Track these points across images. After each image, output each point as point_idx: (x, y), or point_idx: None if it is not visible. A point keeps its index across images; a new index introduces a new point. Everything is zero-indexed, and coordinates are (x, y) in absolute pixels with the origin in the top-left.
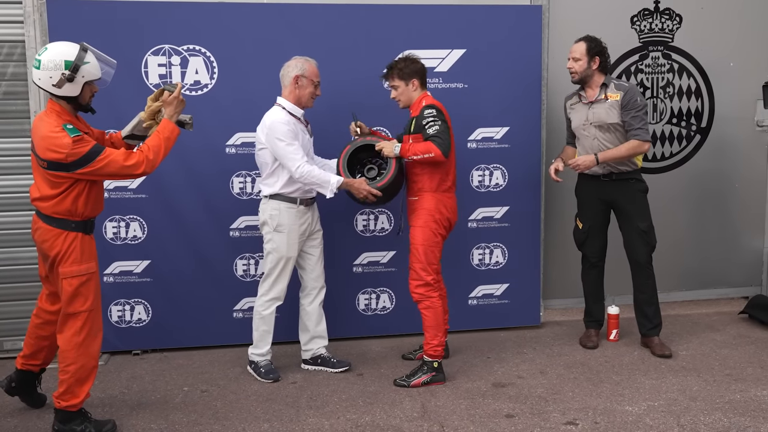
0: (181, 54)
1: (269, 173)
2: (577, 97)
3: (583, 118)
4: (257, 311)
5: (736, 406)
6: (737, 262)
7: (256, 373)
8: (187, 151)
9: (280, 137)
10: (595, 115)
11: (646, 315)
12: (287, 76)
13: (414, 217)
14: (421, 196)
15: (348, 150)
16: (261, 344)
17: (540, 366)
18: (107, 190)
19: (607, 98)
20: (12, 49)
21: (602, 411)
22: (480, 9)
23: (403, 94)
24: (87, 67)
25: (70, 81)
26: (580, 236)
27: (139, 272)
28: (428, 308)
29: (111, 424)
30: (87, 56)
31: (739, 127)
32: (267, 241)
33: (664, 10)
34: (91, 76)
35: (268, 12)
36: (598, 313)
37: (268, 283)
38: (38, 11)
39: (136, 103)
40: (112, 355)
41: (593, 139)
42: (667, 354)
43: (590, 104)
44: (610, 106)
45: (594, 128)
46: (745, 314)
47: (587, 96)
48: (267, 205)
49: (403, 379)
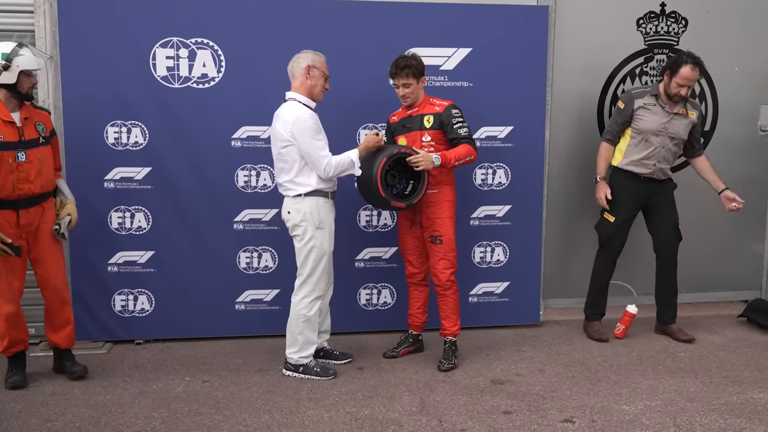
0: (189, 47)
1: (299, 170)
2: (654, 99)
3: (660, 124)
4: (300, 313)
5: (732, 407)
6: (737, 265)
7: (309, 375)
8: (193, 144)
9: (308, 132)
10: (673, 127)
11: (669, 304)
12: (298, 67)
13: (437, 209)
14: (441, 189)
15: (385, 162)
16: (308, 347)
17: (539, 364)
18: (113, 181)
19: (688, 115)
20: (21, 38)
21: (599, 410)
22: (486, 8)
23: (413, 92)
24: (21, 59)
25: (5, 69)
26: (609, 230)
27: (143, 262)
28: (455, 292)
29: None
30: (22, 50)
31: (742, 132)
32: (307, 240)
33: (670, 13)
34: (26, 66)
35: (276, 6)
36: (602, 305)
37: (310, 283)
38: (48, 2)
39: (144, 94)
40: (115, 344)
41: (662, 147)
42: (691, 339)
43: (672, 115)
44: (689, 123)
45: (667, 138)
46: (744, 317)
47: (669, 105)
48: (303, 203)
49: (446, 365)
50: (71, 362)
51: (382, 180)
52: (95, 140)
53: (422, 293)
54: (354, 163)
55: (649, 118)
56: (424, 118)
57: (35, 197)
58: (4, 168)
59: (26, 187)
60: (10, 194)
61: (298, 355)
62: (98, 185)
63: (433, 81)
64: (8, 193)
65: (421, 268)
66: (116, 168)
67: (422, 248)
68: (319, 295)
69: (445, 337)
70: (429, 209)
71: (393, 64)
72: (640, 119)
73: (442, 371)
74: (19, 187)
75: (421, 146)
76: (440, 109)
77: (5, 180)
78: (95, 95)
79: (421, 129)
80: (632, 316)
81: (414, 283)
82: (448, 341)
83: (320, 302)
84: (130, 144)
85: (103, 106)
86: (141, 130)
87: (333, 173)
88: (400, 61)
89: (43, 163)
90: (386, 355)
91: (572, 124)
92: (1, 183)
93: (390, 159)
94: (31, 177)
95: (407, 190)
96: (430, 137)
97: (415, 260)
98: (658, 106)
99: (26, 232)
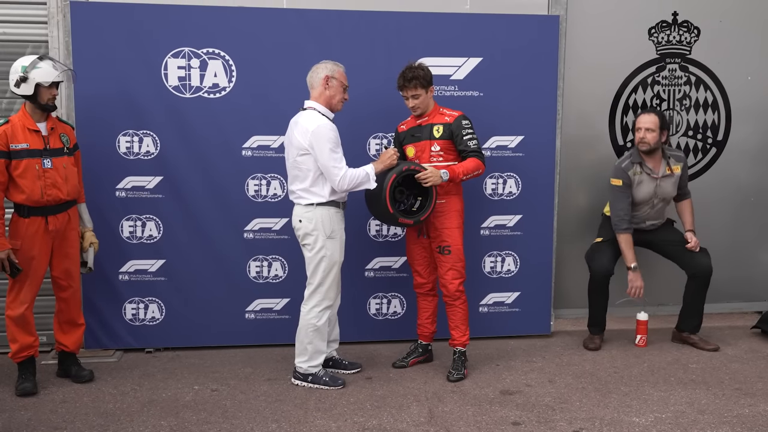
0: (201, 57)
1: (314, 180)
2: (639, 167)
3: (651, 192)
4: (310, 323)
5: (744, 420)
6: (751, 276)
7: (318, 384)
8: (204, 153)
9: (327, 144)
10: (662, 190)
11: (694, 315)
12: (316, 78)
13: (445, 219)
14: (449, 199)
15: (394, 179)
16: (317, 356)
17: (548, 375)
18: (124, 190)
19: (672, 172)
20: (35, 49)
21: (609, 421)
22: (497, 18)
23: (423, 102)
24: (37, 71)
25: (24, 81)
26: (594, 248)
27: (154, 271)
28: (464, 302)
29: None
30: (41, 63)
31: (755, 140)
32: (318, 249)
33: (682, 22)
34: (41, 79)
35: (287, 16)
36: (601, 322)
37: (320, 293)
38: (62, 12)
39: (155, 104)
40: (125, 353)
41: (652, 208)
42: (716, 348)
43: (658, 180)
44: (675, 180)
45: (660, 201)
46: (757, 329)
47: (654, 169)
48: (314, 212)
49: (456, 375)
50: (78, 366)
51: (390, 196)
52: (107, 149)
53: (431, 303)
54: (369, 177)
55: (641, 190)
56: (433, 128)
57: (62, 204)
58: (32, 174)
59: (54, 193)
60: (39, 200)
61: (307, 364)
62: (110, 194)
63: (443, 90)
64: (37, 199)
65: (429, 278)
66: (128, 177)
67: (430, 258)
68: (328, 305)
69: (455, 347)
70: (437, 219)
71: (400, 76)
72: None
73: (451, 381)
74: (47, 192)
75: (430, 155)
76: (450, 119)
77: (33, 185)
78: (107, 105)
79: (430, 138)
80: (645, 323)
81: (423, 293)
82: (458, 351)
83: (330, 312)
84: (141, 153)
85: (115, 116)
86: (153, 140)
87: (347, 187)
88: (407, 72)
89: (68, 171)
90: (395, 365)
91: (583, 133)
92: (30, 189)
93: (399, 176)
94: (58, 183)
95: (415, 207)
96: (440, 147)
97: (423, 270)
98: (644, 173)
99: (54, 237)
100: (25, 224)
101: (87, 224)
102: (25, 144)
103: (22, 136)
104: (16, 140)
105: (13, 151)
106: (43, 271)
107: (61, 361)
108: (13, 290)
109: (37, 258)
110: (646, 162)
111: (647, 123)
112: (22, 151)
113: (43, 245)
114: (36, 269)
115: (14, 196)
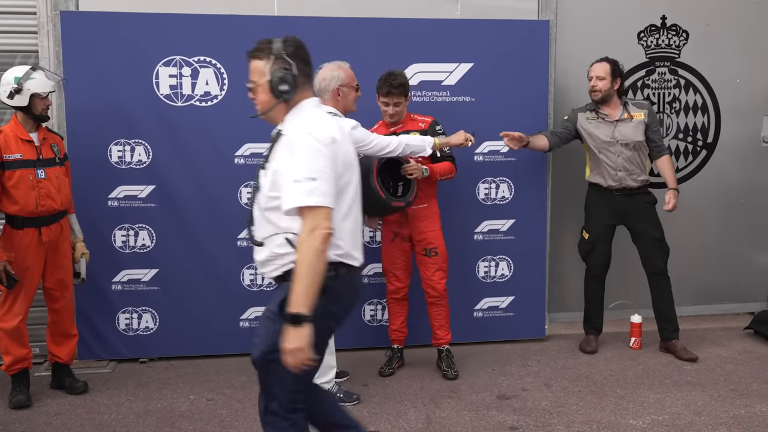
0: (192, 65)
1: None
2: (594, 114)
3: (608, 135)
4: None
5: (740, 421)
6: (743, 277)
7: None
8: (196, 161)
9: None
10: (621, 134)
11: (668, 319)
12: (327, 91)
13: (429, 222)
14: (430, 203)
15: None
16: (328, 371)
17: (544, 379)
18: (116, 199)
19: (632, 117)
20: (24, 59)
21: (606, 424)
22: (488, 23)
23: (403, 110)
24: (32, 82)
25: (17, 93)
26: (585, 246)
27: (147, 280)
28: (446, 301)
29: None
30: (34, 74)
31: (745, 143)
32: None
33: (671, 26)
34: (37, 89)
35: (278, 24)
36: (597, 321)
37: None
38: (52, 22)
39: (147, 113)
40: (119, 363)
41: (618, 155)
42: (694, 357)
43: (615, 123)
44: (637, 124)
45: (620, 146)
46: (750, 330)
47: (610, 115)
48: None
49: (453, 372)
50: (71, 378)
51: (379, 182)
52: (99, 159)
53: (404, 308)
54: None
55: (596, 133)
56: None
57: (56, 214)
58: (26, 184)
59: (48, 203)
60: (33, 210)
61: (320, 381)
62: (102, 204)
63: (435, 96)
64: (31, 209)
65: (405, 281)
66: (120, 186)
67: (409, 261)
68: None
69: (440, 345)
70: (421, 223)
71: (385, 83)
72: (587, 134)
73: (449, 380)
74: (42, 203)
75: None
76: (425, 125)
77: (27, 196)
78: (98, 114)
79: None
80: (639, 326)
81: (398, 299)
82: (445, 349)
83: None
84: (133, 162)
85: (106, 125)
86: (144, 149)
87: None
88: (393, 79)
89: (60, 181)
90: (383, 373)
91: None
92: (24, 199)
93: (381, 161)
94: (51, 193)
95: (399, 193)
96: None
97: (401, 274)
98: (599, 119)
99: (47, 248)
100: (19, 236)
101: (78, 235)
102: (19, 154)
103: (15, 147)
104: (9, 150)
105: (6, 161)
106: (37, 282)
107: (55, 373)
108: (7, 302)
109: (31, 269)
110: (601, 109)
111: (598, 71)
112: (16, 162)
113: (37, 256)
114: (30, 281)
115: (7, 208)
